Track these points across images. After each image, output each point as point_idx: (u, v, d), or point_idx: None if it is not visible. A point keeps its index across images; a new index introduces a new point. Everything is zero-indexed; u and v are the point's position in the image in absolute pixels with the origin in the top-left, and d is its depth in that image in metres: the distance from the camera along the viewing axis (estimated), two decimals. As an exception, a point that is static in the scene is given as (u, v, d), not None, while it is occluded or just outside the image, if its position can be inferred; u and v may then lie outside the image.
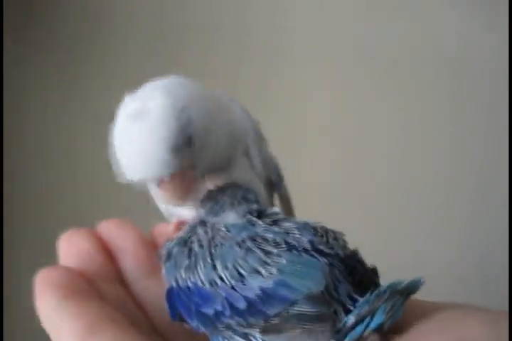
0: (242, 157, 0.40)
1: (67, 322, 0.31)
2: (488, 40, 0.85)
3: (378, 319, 0.28)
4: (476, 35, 0.86)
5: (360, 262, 0.32)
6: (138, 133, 0.34)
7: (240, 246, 0.32)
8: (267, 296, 0.29)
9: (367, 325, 0.28)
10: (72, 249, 0.37)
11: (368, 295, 0.29)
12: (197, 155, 0.36)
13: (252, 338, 0.30)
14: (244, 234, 0.32)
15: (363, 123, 0.88)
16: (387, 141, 0.89)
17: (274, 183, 0.43)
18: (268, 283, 0.30)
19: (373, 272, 0.33)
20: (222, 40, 0.88)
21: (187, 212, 0.41)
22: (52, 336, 0.32)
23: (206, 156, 0.37)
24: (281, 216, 0.35)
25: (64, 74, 0.91)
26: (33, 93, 0.92)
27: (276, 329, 0.29)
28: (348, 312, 0.29)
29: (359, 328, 0.28)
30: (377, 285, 0.31)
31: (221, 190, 0.38)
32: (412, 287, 0.29)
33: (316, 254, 0.31)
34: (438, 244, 0.85)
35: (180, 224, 0.41)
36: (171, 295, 0.33)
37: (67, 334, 0.31)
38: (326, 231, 0.33)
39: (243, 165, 0.40)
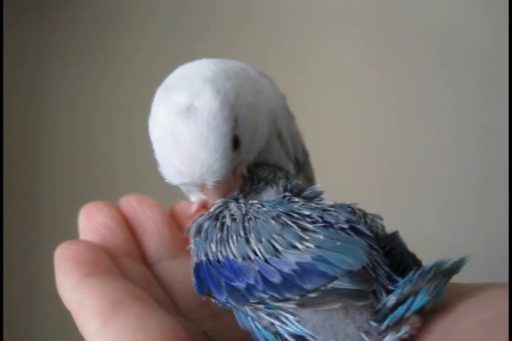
0: (275, 138, 0.39)
1: (89, 300, 0.29)
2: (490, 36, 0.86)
3: (421, 300, 0.27)
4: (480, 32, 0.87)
5: (400, 243, 0.31)
6: (185, 135, 0.31)
7: (275, 221, 0.30)
8: (304, 271, 0.28)
9: (409, 307, 0.27)
10: (92, 222, 0.35)
11: (410, 274, 0.27)
12: (244, 153, 0.34)
13: (282, 318, 0.29)
14: (279, 209, 0.31)
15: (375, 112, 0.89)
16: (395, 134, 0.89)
17: (300, 161, 0.42)
18: (306, 258, 0.28)
19: (412, 255, 0.31)
20: (246, 25, 0.89)
21: None
22: (73, 313, 0.30)
23: (253, 150, 0.36)
24: (320, 192, 0.33)
25: (84, 57, 0.90)
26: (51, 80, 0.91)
27: (314, 303, 0.28)
28: (388, 293, 0.28)
29: (400, 309, 0.27)
30: (418, 265, 0.30)
31: (257, 170, 0.37)
32: (456, 266, 0.28)
33: (352, 233, 0.30)
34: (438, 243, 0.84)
35: (203, 205, 0.39)
36: (200, 269, 0.31)
37: (90, 312, 0.29)
38: (365, 213, 0.32)
39: (276, 145, 0.39)
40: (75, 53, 0.90)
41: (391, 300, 0.27)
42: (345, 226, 0.30)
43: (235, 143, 0.33)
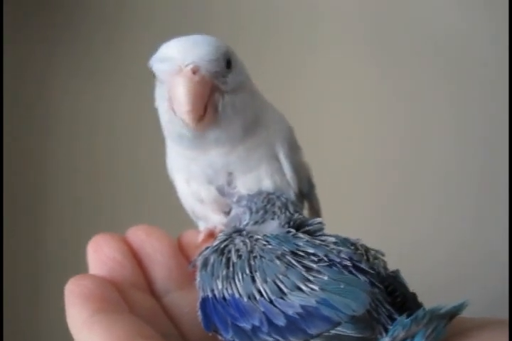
0: (273, 160, 0.40)
1: (98, 339, 0.30)
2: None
3: None
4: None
5: (402, 284, 0.31)
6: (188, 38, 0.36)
7: (280, 260, 0.31)
8: (308, 315, 0.28)
9: None
10: (100, 255, 0.36)
11: (402, 317, 0.28)
12: (228, 78, 0.36)
13: None
14: (284, 247, 0.32)
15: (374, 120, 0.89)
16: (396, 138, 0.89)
17: (304, 193, 0.42)
18: (310, 301, 0.29)
19: (413, 296, 0.31)
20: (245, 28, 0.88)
21: (216, 217, 0.41)
22: None
23: (235, 84, 0.37)
24: (321, 226, 0.34)
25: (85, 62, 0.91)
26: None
27: None
28: (387, 332, 0.28)
29: None
30: (418, 307, 0.30)
31: (256, 197, 0.38)
32: (456, 310, 0.28)
33: (355, 272, 0.30)
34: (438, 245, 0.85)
35: (210, 235, 0.40)
36: (206, 304, 0.32)
37: None
38: (367, 249, 0.33)
39: (273, 168, 0.40)
40: (78, 59, 0.90)
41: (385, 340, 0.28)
42: (348, 263, 0.31)
43: (228, 62, 0.36)
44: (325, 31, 0.89)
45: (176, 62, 0.35)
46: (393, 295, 0.31)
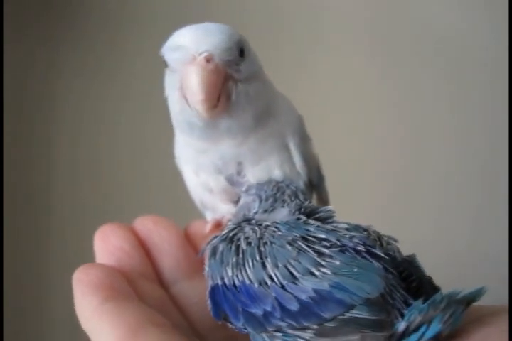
0: (283, 150, 0.40)
1: (108, 326, 0.29)
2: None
3: (435, 328, 0.27)
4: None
5: (418, 268, 0.31)
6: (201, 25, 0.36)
7: (291, 246, 0.30)
8: (321, 298, 0.28)
9: (422, 334, 0.27)
10: (107, 245, 0.36)
11: (418, 301, 0.28)
12: (241, 67, 0.36)
13: None
14: (295, 233, 0.31)
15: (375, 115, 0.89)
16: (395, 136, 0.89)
17: (314, 184, 0.42)
18: (323, 285, 0.28)
19: (429, 280, 0.31)
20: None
21: (224, 207, 0.41)
22: (92, 339, 0.30)
23: (249, 73, 0.37)
24: (332, 214, 0.34)
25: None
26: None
27: (332, 333, 0.27)
28: (403, 317, 0.28)
29: (414, 337, 0.27)
30: (435, 291, 0.30)
31: (266, 186, 0.37)
32: (473, 296, 0.28)
33: (369, 257, 0.30)
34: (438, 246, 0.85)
35: (217, 225, 0.40)
36: (216, 293, 0.31)
37: (109, 339, 0.29)
38: (379, 235, 0.32)
39: (283, 157, 0.40)
40: (82, 59, 0.90)
41: (401, 325, 0.27)
42: (362, 249, 0.30)
43: (241, 50, 0.36)
44: (325, 31, 0.89)
45: (189, 51, 0.34)
46: (408, 280, 0.30)
